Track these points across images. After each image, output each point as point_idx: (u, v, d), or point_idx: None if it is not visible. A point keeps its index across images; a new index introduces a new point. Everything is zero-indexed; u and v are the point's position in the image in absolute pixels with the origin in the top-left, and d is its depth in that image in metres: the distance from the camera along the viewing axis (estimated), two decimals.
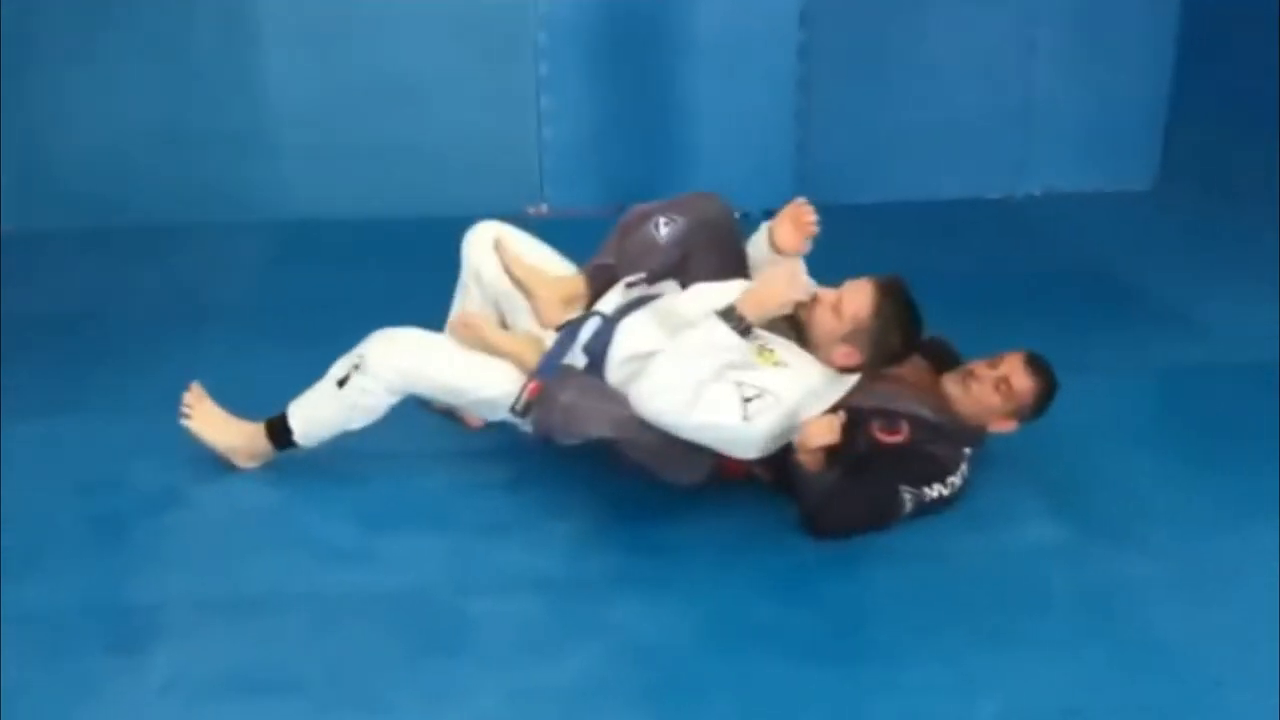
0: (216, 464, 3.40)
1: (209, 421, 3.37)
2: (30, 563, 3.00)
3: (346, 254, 5.15)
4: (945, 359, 3.39)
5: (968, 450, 3.21)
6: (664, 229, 3.28)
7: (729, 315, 2.97)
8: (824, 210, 5.75)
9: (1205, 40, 6.11)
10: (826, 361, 3.13)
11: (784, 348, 3.17)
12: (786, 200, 5.65)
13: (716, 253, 3.33)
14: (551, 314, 3.30)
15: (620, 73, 5.55)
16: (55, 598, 2.89)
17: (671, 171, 5.66)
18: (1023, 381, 3.19)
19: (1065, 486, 3.41)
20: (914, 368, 3.32)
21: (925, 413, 3.16)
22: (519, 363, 3.20)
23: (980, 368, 3.23)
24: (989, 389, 3.18)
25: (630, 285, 3.32)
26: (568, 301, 3.33)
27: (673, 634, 2.81)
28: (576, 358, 3.20)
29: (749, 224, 5.60)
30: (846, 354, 3.11)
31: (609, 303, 3.29)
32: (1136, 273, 5.16)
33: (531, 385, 3.13)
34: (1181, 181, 6.27)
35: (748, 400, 2.95)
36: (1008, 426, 3.24)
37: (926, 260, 5.27)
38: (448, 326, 3.32)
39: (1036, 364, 3.23)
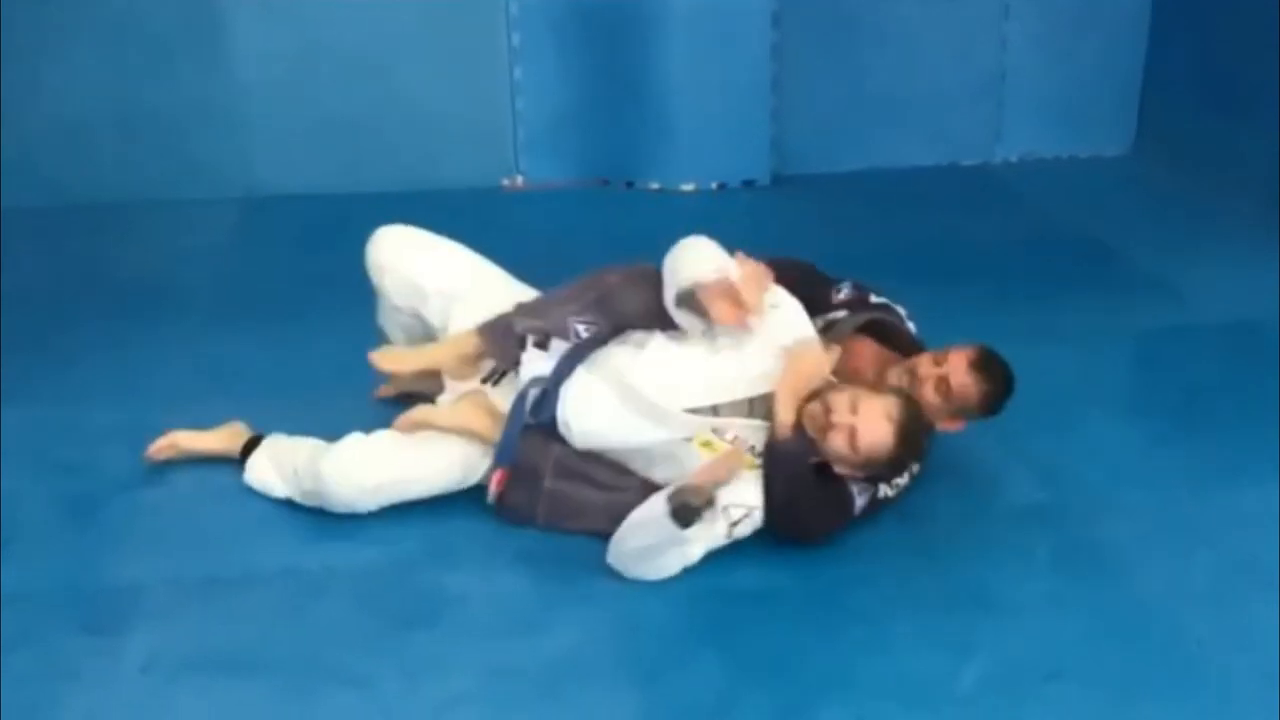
0: None
1: (185, 442, 3.31)
2: (4, 545, 2.97)
3: (317, 230, 5.10)
4: (894, 338, 3.24)
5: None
6: (584, 331, 3.04)
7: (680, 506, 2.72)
8: (802, 180, 5.80)
9: (1180, 4, 6.10)
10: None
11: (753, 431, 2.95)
12: (763, 170, 5.73)
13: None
14: (487, 419, 3.08)
15: (594, 43, 5.51)
16: (31, 579, 2.86)
17: (647, 141, 5.64)
18: (963, 381, 2.99)
19: (1045, 450, 3.41)
20: (868, 354, 3.20)
21: None
22: (476, 436, 3.06)
23: (924, 364, 3.04)
24: (929, 389, 2.99)
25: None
26: (467, 363, 3.16)
27: (655, 604, 2.80)
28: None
29: (726, 195, 5.64)
30: (854, 475, 2.93)
31: (542, 363, 3.06)
32: (1113, 237, 5.16)
33: (497, 475, 3.01)
34: (1157, 146, 6.27)
35: (734, 524, 2.85)
36: (954, 426, 3.07)
37: (904, 228, 5.31)
38: (394, 427, 3.07)
39: (983, 363, 3.02)
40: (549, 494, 3.00)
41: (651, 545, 2.80)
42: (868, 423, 2.80)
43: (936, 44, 5.92)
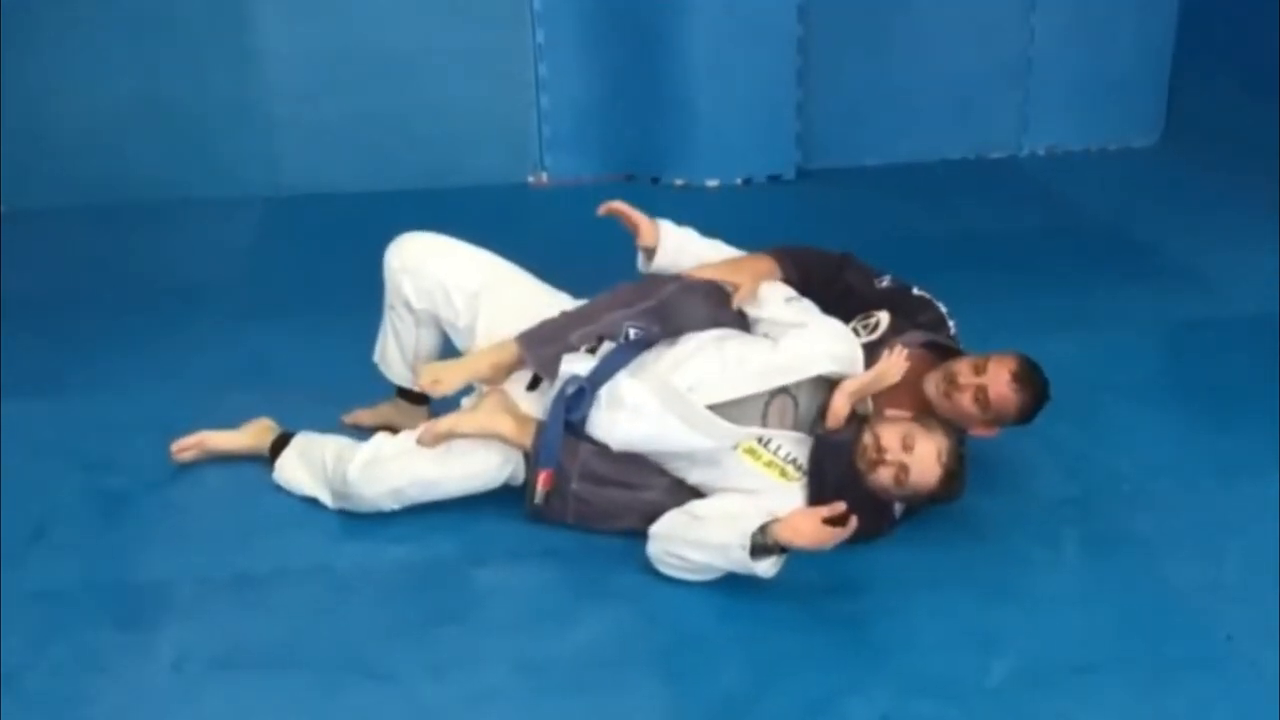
0: None
1: (213, 442, 3.33)
2: (35, 540, 3.00)
3: (343, 228, 5.11)
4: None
5: None
6: (634, 334, 3.04)
7: (761, 546, 2.71)
8: (828, 174, 5.78)
9: None
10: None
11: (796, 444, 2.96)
12: (789, 164, 5.71)
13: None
14: (512, 423, 3.04)
15: (619, 39, 5.50)
16: (63, 575, 2.89)
17: (672, 137, 5.63)
18: (1002, 392, 2.96)
19: (1074, 441, 3.39)
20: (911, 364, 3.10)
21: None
22: (504, 438, 3.01)
23: (964, 372, 2.99)
24: (968, 399, 2.97)
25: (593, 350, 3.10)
26: (505, 371, 3.10)
27: (683, 598, 2.80)
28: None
29: (752, 190, 5.63)
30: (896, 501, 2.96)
31: (582, 364, 3.04)
32: (1142, 229, 5.13)
33: (544, 475, 2.96)
34: (1187, 137, 6.23)
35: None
36: (988, 433, 3.05)
37: (932, 221, 5.29)
38: (418, 441, 3.02)
39: (1023, 376, 2.98)
40: (575, 496, 2.99)
41: (713, 565, 2.80)
42: (919, 463, 2.80)
43: (963, 36, 5.89)
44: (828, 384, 2.97)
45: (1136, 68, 6.14)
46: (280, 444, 3.27)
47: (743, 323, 3.13)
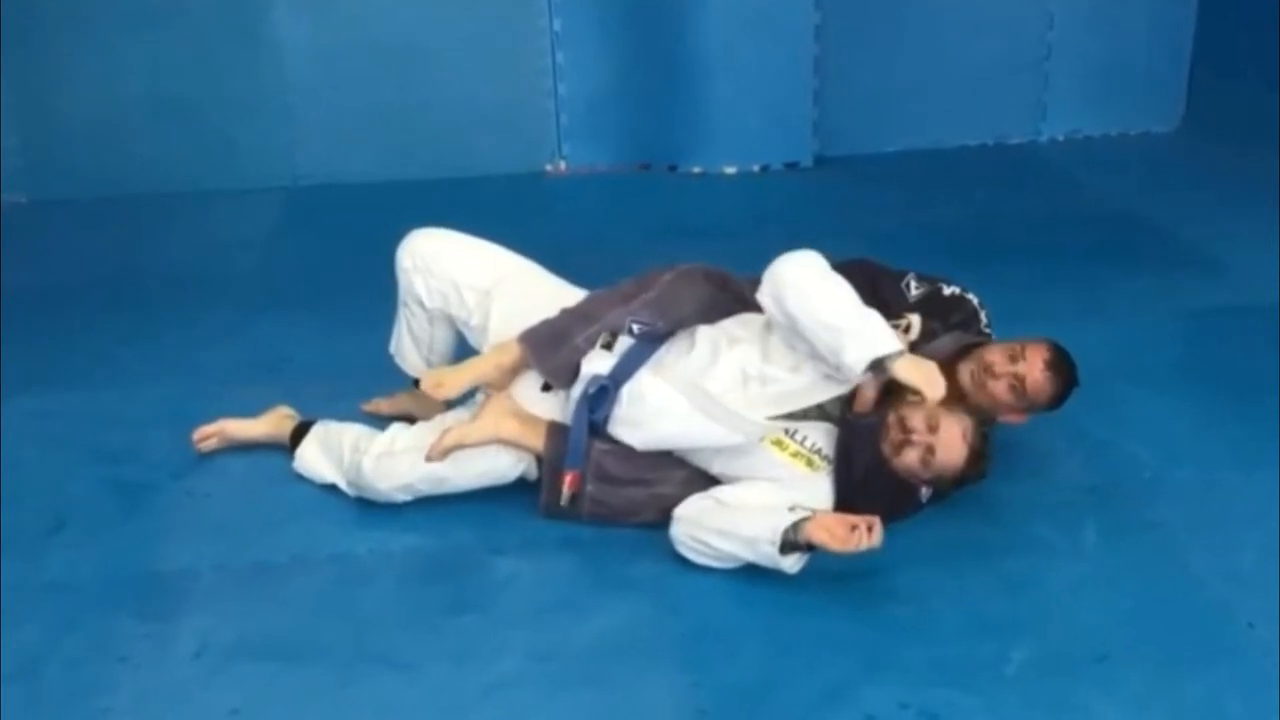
0: None
1: (233, 430, 3.35)
2: (55, 532, 3.02)
3: (361, 219, 5.12)
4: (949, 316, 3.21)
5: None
6: (638, 330, 3.02)
7: (791, 542, 2.71)
8: (845, 161, 5.76)
9: None
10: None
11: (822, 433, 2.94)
12: (806, 151, 5.70)
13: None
14: (518, 426, 3.05)
15: (635, 27, 5.50)
16: (83, 565, 2.90)
17: (689, 125, 5.62)
18: (1037, 380, 2.98)
19: (1092, 429, 3.38)
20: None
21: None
22: (512, 443, 3.02)
23: (999, 360, 3.00)
24: (1003, 387, 2.98)
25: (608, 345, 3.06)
26: (511, 374, 3.10)
27: (700, 586, 2.81)
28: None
29: (769, 177, 5.62)
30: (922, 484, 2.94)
31: (602, 362, 3.01)
32: (1161, 215, 5.10)
33: (570, 477, 2.96)
34: (1206, 123, 6.19)
35: (791, 509, 2.82)
36: (1018, 419, 3.08)
37: (950, 208, 5.27)
38: (426, 457, 3.00)
39: (1056, 364, 3.01)
40: (591, 497, 2.99)
41: (737, 555, 2.80)
42: (945, 443, 2.79)
43: (981, 22, 5.87)
44: None
45: (1156, 53, 6.11)
46: (300, 432, 3.28)
47: (743, 303, 3.09)
